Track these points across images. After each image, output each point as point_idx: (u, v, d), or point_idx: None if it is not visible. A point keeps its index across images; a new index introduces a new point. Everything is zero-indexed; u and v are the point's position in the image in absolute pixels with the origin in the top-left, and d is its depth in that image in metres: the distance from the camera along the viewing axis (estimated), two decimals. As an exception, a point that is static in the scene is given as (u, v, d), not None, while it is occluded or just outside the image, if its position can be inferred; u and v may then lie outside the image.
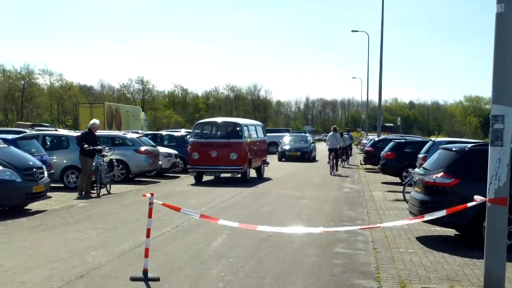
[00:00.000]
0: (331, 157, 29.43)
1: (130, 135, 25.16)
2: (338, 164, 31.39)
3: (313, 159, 41.44)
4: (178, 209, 8.14)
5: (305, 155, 39.96)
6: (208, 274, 8.27)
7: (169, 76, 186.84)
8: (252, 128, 25.20)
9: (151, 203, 8.04)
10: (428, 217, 8.00)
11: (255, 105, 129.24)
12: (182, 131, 34.04)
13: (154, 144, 25.10)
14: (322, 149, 51.99)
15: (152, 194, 8.20)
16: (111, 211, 14.62)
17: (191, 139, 23.48)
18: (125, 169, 22.64)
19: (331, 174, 28.24)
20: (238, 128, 23.38)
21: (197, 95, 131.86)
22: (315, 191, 20.30)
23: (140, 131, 38.23)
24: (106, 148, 18.70)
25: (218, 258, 9.29)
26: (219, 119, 25.75)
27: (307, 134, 46.57)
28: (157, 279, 7.73)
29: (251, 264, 8.96)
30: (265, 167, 26.81)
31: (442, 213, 7.90)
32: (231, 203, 16.31)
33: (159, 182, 23.34)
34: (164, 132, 32.50)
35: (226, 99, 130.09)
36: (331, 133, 31.13)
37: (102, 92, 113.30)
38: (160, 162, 24.30)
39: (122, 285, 7.56)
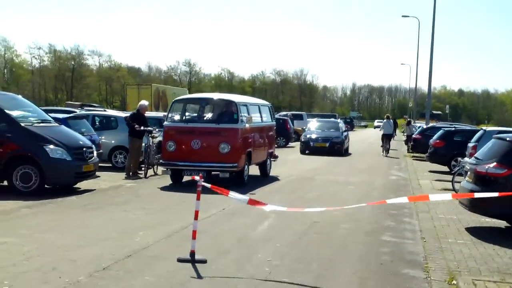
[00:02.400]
0: (384, 142, 33.15)
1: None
2: (385, 151, 33.09)
3: (345, 152, 32.66)
4: (226, 193, 8.14)
5: (335, 147, 31.33)
6: (255, 258, 8.28)
7: (216, 59, 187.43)
8: (253, 109, 18.25)
9: (199, 185, 8.06)
10: (478, 195, 8.64)
11: (301, 90, 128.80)
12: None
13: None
14: (357, 140, 48.76)
15: (201, 177, 8.23)
16: (158, 192, 14.76)
17: (165, 122, 16.71)
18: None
19: (382, 154, 32.65)
20: (232, 109, 16.47)
21: (243, 78, 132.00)
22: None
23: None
24: (156, 129, 18.85)
25: (264, 242, 9.29)
26: (206, 95, 19.99)
27: (339, 120, 38.55)
28: (204, 261, 7.77)
29: (298, 249, 8.94)
30: (272, 163, 19.76)
31: (494, 194, 7.91)
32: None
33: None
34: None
35: (272, 83, 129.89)
36: (385, 120, 34.57)
37: (149, 74, 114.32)
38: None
39: (170, 266, 7.61)
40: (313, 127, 34.23)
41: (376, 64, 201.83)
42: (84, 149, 14.43)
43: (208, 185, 8.31)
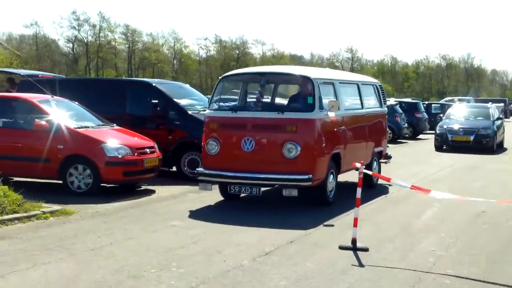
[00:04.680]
0: None
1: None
2: None
3: (497, 148, 24.22)
4: (388, 180, 7.97)
5: (482, 141, 23.49)
6: (418, 247, 8.06)
7: (378, 45, 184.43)
8: (347, 90, 12.57)
9: (361, 173, 7.97)
10: None
11: (468, 74, 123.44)
12: (391, 100, 33.46)
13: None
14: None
15: (362, 164, 8.13)
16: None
17: (207, 110, 11.34)
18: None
19: None
20: (306, 89, 10.86)
21: (407, 64, 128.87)
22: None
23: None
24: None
25: (428, 232, 9.01)
26: (268, 69, 13.55)
27: (489, 105, 27.41)
28: (366, 249, 7.67)
29: (464, 240, 8.58)
30: (381, 166, 13.98)
31: None
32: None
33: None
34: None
35: (437, 68, 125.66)
36: None
37: (311, 61, 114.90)
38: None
39: (331, 253, 7.61)
40: (453, 114, 26.03)
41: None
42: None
43: (369, 172, 8.18)
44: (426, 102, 41.98)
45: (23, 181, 11.99)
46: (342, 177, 12.07)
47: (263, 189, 10.59)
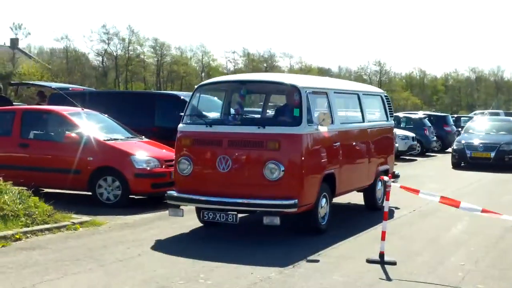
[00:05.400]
0: None
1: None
2: None
3: None
4: (416, 192, 7.93)
5: (504, 158, 21.15)
6: (447, 261, 8.00)
7: (407, 58, 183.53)
8: (344, 101, 11.38)
9: (388, 186, 7.95)
10: None
11: (498, 87, 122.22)
12: (420, 113, 33.27)
13: (391, 127, 24.76)
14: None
15: (390, 177, 8.11)
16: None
17: (180, 124, 9.60)
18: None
19: None
20: (292, 100, 9.48)
21: (436, 76, 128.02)
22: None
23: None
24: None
25: (457, 246, 8.94)
26: (249, 76, 12.51)
27: None
28: (394, 263, 7.62)
29: (494, 254, 8.50)
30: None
31: None
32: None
33: (395, 164, 22.92)
34: (401, 114, 32.03)
35: (466, 81, 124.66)
36: None
37: (339, 74, 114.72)
38: (397, 145, 23.97)
39: (358, 266, 7.58)
40: (473, 128, 23.75)
41: None
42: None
43: (397, 185, 8.15)
44: (455, 115, 41.69)
45: (53, 192, 12.16)
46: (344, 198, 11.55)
47: (241, 215, 9.23)
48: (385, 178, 8.11)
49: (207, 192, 8.95)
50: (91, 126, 12.19)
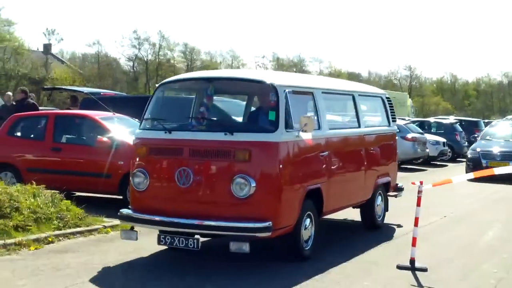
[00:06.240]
0: None
1: (397, 121, 25.12)
2: None
3: None
4: (449, 181, 7.84)
5: None
6: (479, 268, 7.92)
7: (438, 62, 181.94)
8: (336, 104, 10.25)
9: (420, 191, 7.88)
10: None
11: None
12: (451, 118, 32.99)
13: (421, 131, 24.74)
14: None
15: (421, 182, 8.03)
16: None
17: (137, 129, 8.46)
18: (391, 155, 22.51)
19: None
20: (266, 100, 7.96)
21: (467, 81, 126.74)
22: None
23: (407, 118, 37.88)
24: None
25: (489, 253, 8.84)
26: (216, 73, 11.10)
27: None
28: (425, 270, 7.55)
29: (527, 262, 8.38)
30: (387, 200, 10.84)
31: None
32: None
33: (426, 170, 22.84)
34: (432, 119, 31.84)
35: (499, 85, 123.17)
36: None
37: (369, 78, 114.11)
38: (427, 150, 23.84)
39: (389, 273, 7.54)
40: (491, 135, 21.09)
41: None
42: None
43: (429, 185, 8.07)
44: (486, 120, 41.27)
45: (85, 196, 12.28)
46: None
47: (203, 239, 7.62)
48: (416, 183, 8.02)
49: (164, 211, 7.52)
50: (122, 130, 12.29)
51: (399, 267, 7.67)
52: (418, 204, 7.85)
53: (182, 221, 7.29)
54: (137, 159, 7.88)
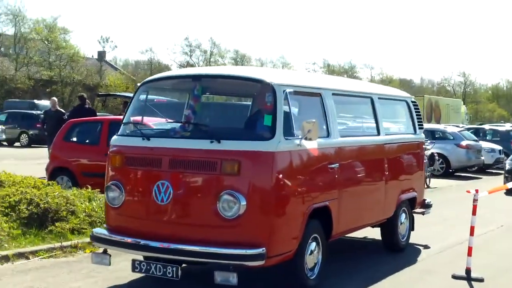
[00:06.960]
0: None
1: (450, 128, 24.78)
2: None
3: None
4: (505, 187, 7.64)
5: None
6: (538, 279, 7.71)
7: (493, 69, 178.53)
8: (350, 108, 8.78)
9: (475, 200, 7.72)
10: None
11: None
12: (507, 126, 32.31)
13: (476, 139, 24.35)
14: None
15: (477, 191, 7.87)
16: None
17: (114, 136, 7.01)
18: (445, 163, 22.29)
19: None
20: (261, 102, 6.61)
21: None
22: None
23: (461, 125, 37.30)
24: (428, 141, 18.53)
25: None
26: (203, 70, 8.91)
27: None
28: (481, 280, 7.40)
29: None
30: (413, 218, 9.54)
31: None
32: None
33: (481, 178, 22.39)
34: (487, 126, 31.26)
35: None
36: None
37: (421, 85, 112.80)
38: (482, 158, 23.42)
39: (444, 282, 7.41)
40: None
41: None
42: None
43: (486, 193, 7.90)
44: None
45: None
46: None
47: (185, 265, 6.71)
48: (471, 191, 7.87)
49: (140, 232, 6.35)
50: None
51: (454, 277, 7.53)
52: (474, 213, 7.70)
53: (158, 246, 6.15)
54: (112, 170, 6.79)
